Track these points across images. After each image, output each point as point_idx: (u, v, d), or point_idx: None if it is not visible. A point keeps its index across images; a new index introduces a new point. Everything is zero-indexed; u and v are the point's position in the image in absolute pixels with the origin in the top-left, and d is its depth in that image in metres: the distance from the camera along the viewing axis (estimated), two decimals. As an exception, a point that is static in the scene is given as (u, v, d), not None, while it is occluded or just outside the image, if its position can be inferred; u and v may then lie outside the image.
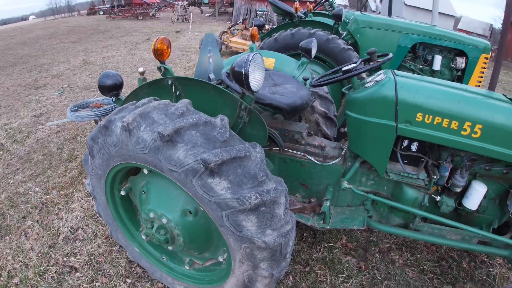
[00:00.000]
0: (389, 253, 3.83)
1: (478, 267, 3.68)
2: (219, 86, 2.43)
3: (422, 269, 3.62)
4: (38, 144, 6.28)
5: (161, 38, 2.57)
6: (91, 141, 2.48)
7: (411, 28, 6.20)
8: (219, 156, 1.97)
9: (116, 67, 11.72)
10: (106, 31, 21.48)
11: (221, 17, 29.47)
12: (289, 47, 5.12)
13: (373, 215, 3.19)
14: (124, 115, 2.28)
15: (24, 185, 4.98)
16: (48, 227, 4.11)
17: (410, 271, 3.59)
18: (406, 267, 3.64)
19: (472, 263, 3.71)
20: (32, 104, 8.46)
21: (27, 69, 12.29)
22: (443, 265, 3.68)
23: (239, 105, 2.38)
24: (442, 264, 3.69)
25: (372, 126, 2.72)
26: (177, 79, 2.51)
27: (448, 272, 3.60)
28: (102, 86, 2.83)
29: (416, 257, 3.77)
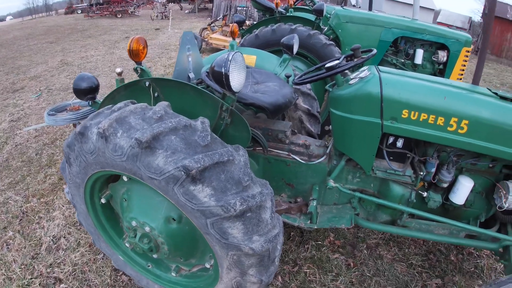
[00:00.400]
0: (377, 248, 3.83)
1: (466, 259, 3.71)
2: (198, 86, 2.36)
3: (410, 264, 3.63)
4: (16, 150, 6.12)
5: (137, 37, 2.48)
6: (67, 148, 2.37)
7: (393, 22, 6.16)
8: (201, 162, 1.90)
9: (94, 67, 11.51)
10: (84, 30, 21.11)
11: (201, 14, 29.20)
12: (270, 44, 5.03)
13: (360, 213, 3.17)
14: (100, 121, 2.18)
15: (4, 194, 4.84)
16: (30, 237, 4.00)
17: (399, 266, 3.60)
18: (395, 262, 3.64)
19: (459, 256, 3.74)
20: (10, 108, 8.24)
21: (4, 72, 11.98)
22: (431, 259, 3.70)
23: (220, 106, 2.31)
24: (430, 258, 3.70)
25: (357, 124, 2.68)
26: (154, 80, 2.42)
27: (436, 266, 3.62)
28: (77, 90, 2.72)
29: (404, 251, 3.78)
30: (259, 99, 2.94)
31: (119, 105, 2.28)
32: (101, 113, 2.31)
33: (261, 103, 2.91)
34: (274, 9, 6.49)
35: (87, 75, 2.78)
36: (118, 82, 2.84)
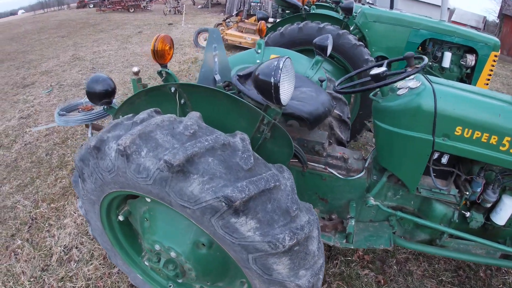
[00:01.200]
0: (406, 264, 3.66)
1: (494, 275, 3.59)
2: (233, 94, 2.06)
3: (440, 280, 3.49)
4: (25, 149, 5.87)
5: (162, 36, 2.23)
6: (80, 163, 2.08)
7: (422, 23, 5.90)
8: (246, 191, 1.60)
9: (107, 62, 11.26)
10: (96, 25, 20.88)
11: (214, 9, 28.87)
12: (297, 43, 4.73)
13: (397, 230, 2.97)
14: (119, 134, 1.90)
15: (12, 198, 4.60)
16: (40, 247, 3.76)
17: (429, 282, 3.46)
18: (425, 279, 3.50)
19: (488, 271, 3.60)
20: (20, 104, 8.02)
21: (15, 66, 11.79)
22: (460, 275, 3.56)
23: (260, 119, 2.01)
24: (460, 274, 3.56)
25: (406, 139, 2.45)
26: (182, 86, 2.12)
27: (466, 282, 3.49)
28: (91, 93, 2.45)
29: (433, 267, 3.63)
30: (298, 108, 2.64)
31: (142, 115, 1.98)
32: (120, 124, 2.02)
33: (301, 112, 2.61)
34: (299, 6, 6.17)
35: (102, 76, 2.51)
36: (134, 82, 2.58)
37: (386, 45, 6.04)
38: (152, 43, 2.21)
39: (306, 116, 2.61)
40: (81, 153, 2.06)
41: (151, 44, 2.23)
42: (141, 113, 2.01)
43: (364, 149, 5.64)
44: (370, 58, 4.71)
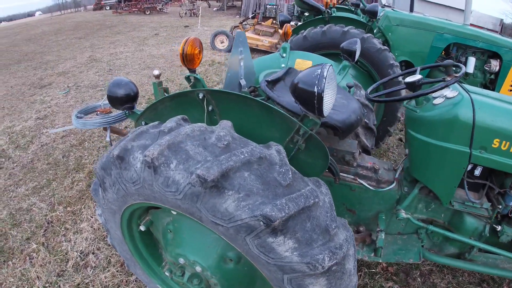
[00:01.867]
0: (430, 276, 3.54)
1: None
2: (266, 102, 1.94)
3: None
4: (42, 150, 5.83)
5: (192, 39, 2.10)
6: (101, 171, 1.96)
7: (446, 27, 5.76)
8: (285, 209, 1.47)
9: (124, 64, 11.25)
10: (113, 26, 21.00)
11: (229, 11, 28.89)
12: (320, 46, 4.60)
13: (426, 243, 2.86)
14: (145, 144, 1.78)
15: (28, 200, 4.54)
16: (55, 251, 3.69)
17: None
18: None
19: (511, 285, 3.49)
20: (37, 105, 8.02)
21: (32, 67, 11.86)
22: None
23: (296, 129, 1.87)
24: (484, 287, 3.44)
25: (441, 151, 2.36)
26: (211, 93, 2.00)
27: None
28: (112, 98, 2.35)
29: (457, 279, 3.50)
30: (331, 117, 2.50)
31: (170, 124, 1.85)
32: (145, 132, 1.90)
33: (334, 121, 2.47)
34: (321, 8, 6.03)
35: (124, 80, 2.41)
36: (155, 85, 2.49)
37: (410, 49, 5.90)
38: (181, 46, 2.08)
39: (339, 125, 2.47)
40: (102, 162, 1.95)
41: (180, 48, 2.11)
42: (168, 121, 1.90)
43: (386, 156, 5.48)
44: (396, 63, 4.57)
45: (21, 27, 24.71)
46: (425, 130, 2.41)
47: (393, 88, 2.88)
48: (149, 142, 1.79)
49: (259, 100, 1.91)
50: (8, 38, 20.03)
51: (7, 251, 3.77)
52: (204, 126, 1.80)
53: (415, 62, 5.90)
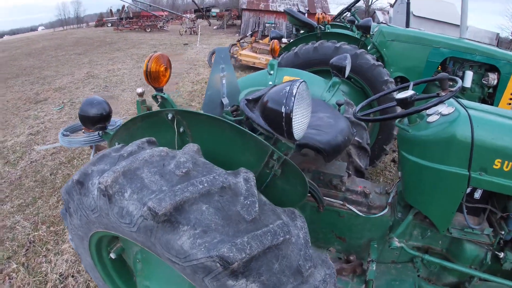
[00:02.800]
0: None
1: None
2: (241, 121, 1.81)
3: None
4: (31, 167, 5.71)
5: (156, 55, 1.95)
6: (66, 195, 1.83)
7: (442, 42, 5.58)
8: (246, 249, 1.29)
9: (120, 81, 11.22)
10: (112, 43, 21.11)
11: (229, 30, 29.11)
12: (312, 63, 4.50)
13: (422, 272, 2.60)
14: (103, 169, 1.63)
15: (12, 218, 4.41)
16: (35, 272, 3.55)
17: None
18: None
19: None
20: (30, 121, 7.94)
21: (30, 81, 11.84)
22: None
23: (269, 153, 1.69)
24: None
25: (437, 174, 2.14)
26: (180, 113, 1.86)
27: None
28: (84, 117, 2.19)
29: None
30: (314, 138, 2.34)
31: (131, 147, 1.71)
32: (107, 156, 1.76)
33: (317, 143, 2.31)
34: (313, 25, 5.94)
35: (97, 99, 2.26)
36: (138, 104, 2.36)
37: (405, 65, 5.75)
38: (145, 63, 1.93)
39: (323, 147, 2.30)
40: (67, 186, 1.81)
41: (144, 65, 1.97)
42: (130, 144, 1.76)
43: (383, 175, 5.32)
44: (390, 79, 4.45)
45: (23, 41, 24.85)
46: (419, 151, 2.22)
47: (384, 105, 2.69)
48: (107, 167, 1.64)
49: (230, 123, 1.76)
50: (9, 51, 20.11)
51: None
52: (166, 151, 1.64)
53: (411, 78, 5.74)
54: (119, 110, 8.27)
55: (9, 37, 32.26)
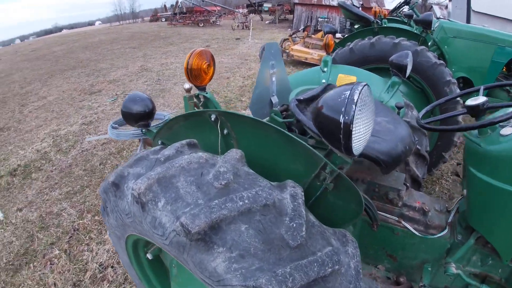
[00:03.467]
0: None
1: None
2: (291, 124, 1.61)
3: None
4: (81, 156, 5.82)
5: (198, 51, 1.80)
6: (103, 194, 1.74)
7: (508, 40, 5.08)
8: (288, 282, 1.10)
9: (173, 74, 11.32)
10: (166, 37, 21.46)
11: (281, 24, 28.85)
12: (368, 60, 4.20)
13: None
14: (139, 173, 1.53)
15: (59, 204, 4.49)
16: (76, 260, 3.57)
17: None
18: None
19: None
20: (84, 111, 8.15)
21: (85, 73, 12.20)
22: None
23: (321, 165, 1.48)
24: None
25: (508, 197, 1.78)
26: (224, 115, 1.68)
27: None
28: (126, 113, 2.13)
29: None
30: (372, 146, 2.03)
31: (169, 151, 1.58)
32: (144, 158, 1.64)
33: (375, 153, 2.00)
34: (369, 19, 5.64)
35: (140, 95, 2.17)
36: (186, 99, 2.24)
37: (468, 64, 5.34)
38: (186, 59, 1.79)
39: (382, 158, 2.00)
40: (104, 185, 1.73)
41: (185, 61, 1.84)
42: (169, 147, 1.64)
43: (439, 184, 4.93)
44: (453, 80, 4.06)
45: (80, 35, 25.78)
46: (490, 169, 1.86)
47: (451, 113, 2.37)
48: (143, 171, 1.53)
49: (278, 128, 1.55)
50: (67, 45, 20.94)
51: (30, 253, 3.74)
52: (205, 158, 1.48)
53: (474, 79, 5.32)
54: (170, 103, 8.32)
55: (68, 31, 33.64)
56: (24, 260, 3.64)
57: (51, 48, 20.08)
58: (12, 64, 16.50)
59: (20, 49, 22.62)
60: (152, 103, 2.17)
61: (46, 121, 7.78)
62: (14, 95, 10.63)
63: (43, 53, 18.42)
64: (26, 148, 6.41)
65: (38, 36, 28.39)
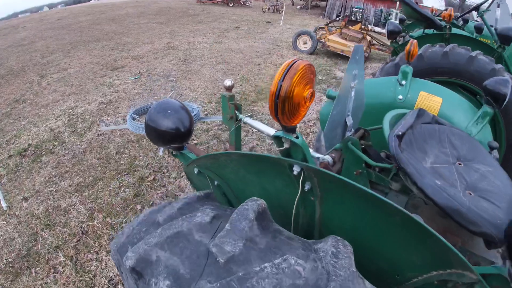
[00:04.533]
0: None
1: None
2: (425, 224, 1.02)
3: None
4: (97, 141, 5.29)
5: (302, 66, 1.08)
6: (116, 255, 1.27)
7: None
8: None
9: (200, 55, 10.70)
10: (195, 15, 20.79)
11: (313, 11, 27.88)
12: (438, 71, 3.50)
13: None
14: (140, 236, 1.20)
15: (68, 198, 3.98)
16: (83, 271, 3.11)
17: None
18: None
19: None
20: (104, 88, 7.62)
21: (109, 47, 11.68)
22: None
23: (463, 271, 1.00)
24: None
25: None
26: (315, 172, 1.15)
27: None
28: (153, 130, 1.56)
29: None
30: (488, 220, 1.41)
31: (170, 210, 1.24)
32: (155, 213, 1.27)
33: (490, 229, 1.38)
34: (436, 22, 4.85)
35: (173, 105, 1.59)
36: (225, 99, 1.71)
37: None
38: (275, 79, 1.08)
39: (495, 233, 1.38)
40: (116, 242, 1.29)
41: (274, 80, 1.09)
42: (174, 203, 1.27)
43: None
44: None
45: (107, 7, 25.20)
46: None
47: None
48: (143, 234, 1.20)
49: (403, 210, 1.01)
50: (93, 15, 20.43)
51: (33, 255, 3.29)
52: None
53: None
54: (196, 87, 7.73)
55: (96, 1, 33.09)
56: (25, 264, 3.21)
57: (77, 18, 19.59)
58: (37, 32, 16.06)
59: (46, 17, 22.19)
60: (190, 117, 1.60)
61: (64, 96, 7.27)
62: (34, 64, 10.16)
63: (69, 23, 17.94)
64: (40, 125, 5.92)
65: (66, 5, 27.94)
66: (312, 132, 5.76)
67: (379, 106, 2.61)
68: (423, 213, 1.80)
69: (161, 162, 4.64)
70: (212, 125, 5.69)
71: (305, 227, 1.40)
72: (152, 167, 4.55)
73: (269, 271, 0.91)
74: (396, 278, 1.19)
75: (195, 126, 2.20)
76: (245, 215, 1.06)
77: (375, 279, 1.22)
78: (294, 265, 0.93)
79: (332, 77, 8.96)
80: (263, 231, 1.07)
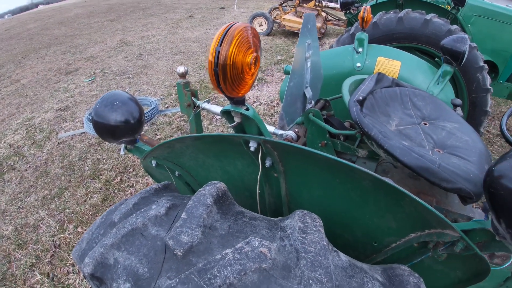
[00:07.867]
0: None
1: None
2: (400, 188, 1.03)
3: None
4: (58, 149, 5.15)
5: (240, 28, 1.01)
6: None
7: None
8: None
9: (155, 48, 10.51)
10: (146, 8, 20.31)
11: (266, -7, 27.76)
12: (394, 37, 3.61)
13: None
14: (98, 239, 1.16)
15: (36, 213, 3.88)
16: (61, 286, 3.08)
17: None
18: None
19: None
20: (60, 94, 7.40)
21: (61, 51, 11.31)
22: None
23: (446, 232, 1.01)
24: None
25: None
26: (272, 145, 1.13)
27: None
28: (101, 126, 1.49)
29: None
30: (459, 174, 1.44)
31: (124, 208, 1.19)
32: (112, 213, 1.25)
33: (465, 185, 1.42)
34: None
35: (120, 96, 1.51)
36: (180, 87, 1.72)
37: (492, 46, 4.76)
38: (212, 46, 1.01)
39: (470, 188, 1.43)
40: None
41: (211, 47, 1.01)
42: (129, 199, 1.22)
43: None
44: (485, 66, 3.54)
45: (55, 11, 24.28)
46: None
47: None
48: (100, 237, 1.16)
49: (371, 173, 1.01)
50: (41, 21, 19.65)
51: (9, 278, 3.18)
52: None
53: (499, 63, 4.76)
54: (154, 81, 7.60)
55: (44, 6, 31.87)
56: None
57: (25, 26, 18.79)
58: (-17, 45, 15.43)
59: (-8, 28, 21.32)
60: (139, 108, 1.54)
61: (19, 108, 7.02)
62: (-16, 78, 9.78)
63: (17, 32, 17.21)
64: (-3, 141, 5.71)
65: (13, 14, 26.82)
66: (276, 112, 5.78)
67: (338, 76, 2.64)
68: (393, 177, 1.85)
69: (126, 162, 4.58)
70: (174, 117, 5.62)
71: (273, 206, 1.39)
72: (117, 168, 4.48)
73: (231, 258, 0.87)
74: (373, 245, 1.20)
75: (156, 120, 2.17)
76: (202, 200, 1.03)
77: (352, 250, 1.25)
78: (259, 247, 0.90)
79: (290, 56, 8.98)
80: (223, 215, 1.04)
